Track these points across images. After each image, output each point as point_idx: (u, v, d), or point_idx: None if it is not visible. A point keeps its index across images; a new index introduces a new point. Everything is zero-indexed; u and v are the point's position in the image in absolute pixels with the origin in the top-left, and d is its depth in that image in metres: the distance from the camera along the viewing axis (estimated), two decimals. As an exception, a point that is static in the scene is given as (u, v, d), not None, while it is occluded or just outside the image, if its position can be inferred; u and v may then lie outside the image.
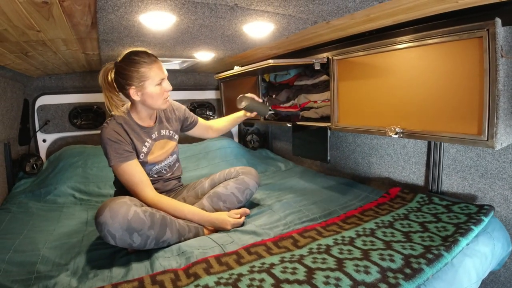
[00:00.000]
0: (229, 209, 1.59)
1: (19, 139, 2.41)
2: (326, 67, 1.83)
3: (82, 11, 1.07)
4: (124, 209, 1.18)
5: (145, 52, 1.41)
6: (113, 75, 1.45)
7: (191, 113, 1.83)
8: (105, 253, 1.28)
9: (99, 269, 1.16)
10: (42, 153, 2.59)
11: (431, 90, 1.34)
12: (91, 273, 1.13)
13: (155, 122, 1.58)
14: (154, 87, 1.41)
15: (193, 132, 1.87)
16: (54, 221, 1.65)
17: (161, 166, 1.60)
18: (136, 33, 1.39)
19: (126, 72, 1.38)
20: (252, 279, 0.98)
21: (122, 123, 1.44)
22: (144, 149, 1.50)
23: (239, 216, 1.52)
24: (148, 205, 1.37)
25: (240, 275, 1.01)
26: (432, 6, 1.14)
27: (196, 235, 1.40)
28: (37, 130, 2.54)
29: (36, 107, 2.55)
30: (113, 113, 1.46)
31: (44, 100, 2.58)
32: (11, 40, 1.34)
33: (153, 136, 1.55)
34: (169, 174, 1.67)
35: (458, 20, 1.22)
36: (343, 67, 1.72)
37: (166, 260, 1.18)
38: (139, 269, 1.13)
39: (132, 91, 1.40)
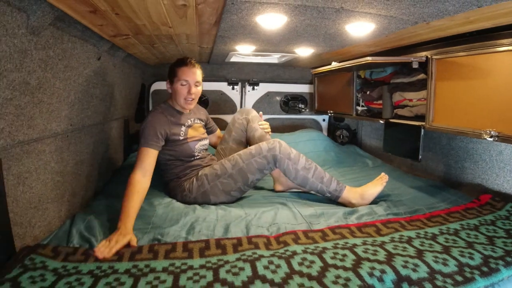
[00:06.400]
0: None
1: (135, 117, 2.85)
2: (423, 66, 1.82)
3: (211, 13, 1.27)
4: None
5: (187, 58, 1.75)
6: None
7: (212, 121, 2.16)
8: (210, 218, 1.46)
9: (205, 227, 1.36)
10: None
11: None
12: (197, 228, 1.34)
13: (190, 111, 1.88)
14: (179, 86, 1.72)
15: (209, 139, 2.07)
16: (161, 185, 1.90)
17: (202, 145, 1.87)
18: (250, 31, 1.57)
19: (170, 68, 1.79)
20: (335, 253, 1.09)
21: (163, 111, 1.76)
22: (182, 132, 1.77)
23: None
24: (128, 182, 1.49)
25: (325, 248, 1.13)
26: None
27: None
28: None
29: (151, 91, 2.98)
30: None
31: (158, 85, 3.00)
32: (145, 34, 1.61)
33: (190, 121, 1.84)
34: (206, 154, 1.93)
35: None
36: (442, 67, 1.70)
37: (259, 229, 1.35)
38: (236, 232, 1.32)
39: (167, 84, 1.81)
